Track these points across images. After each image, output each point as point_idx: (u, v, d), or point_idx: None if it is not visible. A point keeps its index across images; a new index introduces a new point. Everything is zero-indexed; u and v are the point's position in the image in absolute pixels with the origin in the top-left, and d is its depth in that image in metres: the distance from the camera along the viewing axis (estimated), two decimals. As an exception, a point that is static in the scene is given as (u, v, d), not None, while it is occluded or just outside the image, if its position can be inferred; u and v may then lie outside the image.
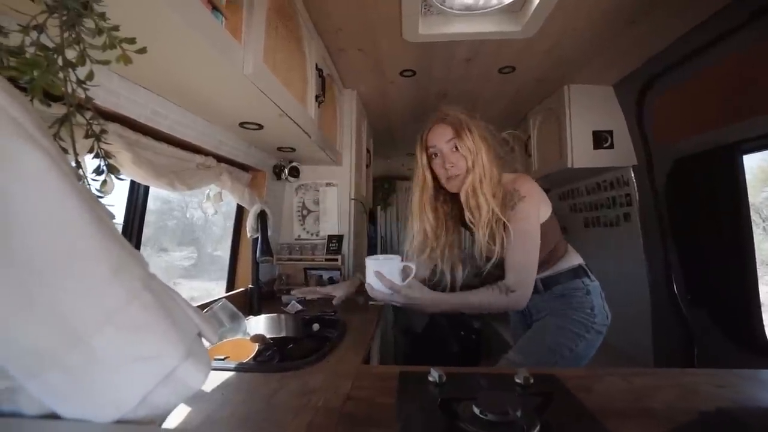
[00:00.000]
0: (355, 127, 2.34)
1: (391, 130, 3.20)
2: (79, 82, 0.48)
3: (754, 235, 1.59)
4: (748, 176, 1.62)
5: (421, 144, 1.21)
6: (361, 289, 1.15)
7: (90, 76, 0.48)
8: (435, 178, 1.22)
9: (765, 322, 1.54)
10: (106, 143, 0.54)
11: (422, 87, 2.30)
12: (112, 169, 0.54)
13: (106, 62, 0.47)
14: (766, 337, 1.52)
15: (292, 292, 1.55)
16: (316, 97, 1.60)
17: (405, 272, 1.11)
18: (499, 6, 1.51)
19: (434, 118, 1.20)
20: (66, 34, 0.44)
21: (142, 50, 0.51)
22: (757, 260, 1.57)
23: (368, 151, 2.90)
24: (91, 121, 0.51)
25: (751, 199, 1.64)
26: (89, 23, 0.45)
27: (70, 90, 0.47)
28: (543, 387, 0.80)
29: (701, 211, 1.76)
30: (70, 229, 0.29)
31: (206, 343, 0.39)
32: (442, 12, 1.57)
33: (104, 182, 0.54)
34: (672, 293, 1.92)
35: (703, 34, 1.53)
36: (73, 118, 0.47)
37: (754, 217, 1.79)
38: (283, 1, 1.27)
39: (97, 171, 0.54)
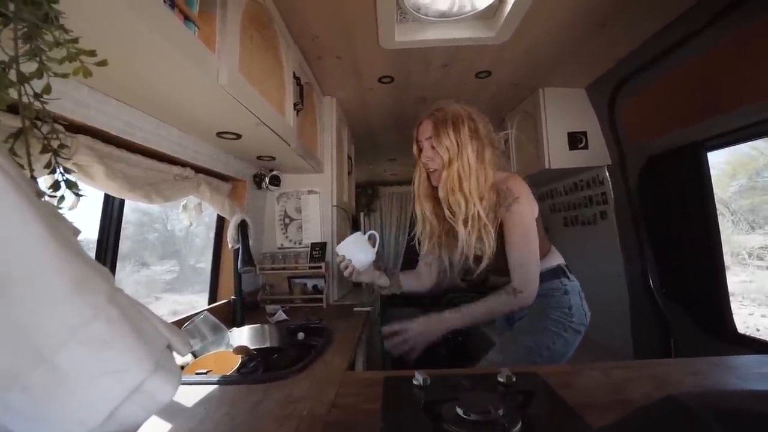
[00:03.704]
0: (336, 135, 2.34)
1: (373, 136, 3.21)
2: (36, 96, 0.46)
3: (724, 228, 1.66)
4: (716, 172, 1.69)
5: (414, 136, 1.27)
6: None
7: (47, 89, 0.47)
8: None
9: (735, 311, 1.60)
10: (64, 158, 0.53)
11: (401, 93, 2.32)
12: (71, 185, 0.53)
13: (64, 75, 0.46)
14: (735, 325, 1.59)
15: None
16: (295, 105, 1.60)
17: (371, 240, 1.21)
18: (473, 12, 1.54)
19: (425, 113, 1.24)
20: (23, 47, 0.43)
21: (103, 63, 0.50)
22: (728, 252, 1.64)
23: (350, 157, 2.90)
24: (48, 136, 0.50)
25: (720, 193, 1.72)
26: (48, 36, 0.44)
27: (26, 102, 0.45)
28: (525, 385, 0.81)
29: (672, 207, 1.83)
30: (29, 246, 0.29)
31: (180, 358, 0.39)
32: (417, 19, 1.60)
33: (62, 198, 0.53)
34: (648, 287, 1.98)
35: (668, 38, 1.60)
36: (30, 132, 0.46)
37: (723, 210, 1.87)
38: (258, 9, 1.27)
39: (55, 187, 0.52)
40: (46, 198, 0.51)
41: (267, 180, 2.03)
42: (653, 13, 1.53)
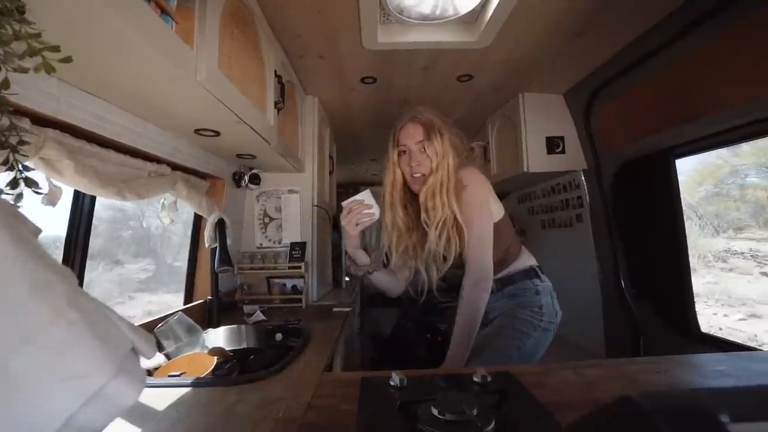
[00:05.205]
0: (318, 134, 2.33)
1: (355, 136, 3.21)
2: (-7, 90, 0.44)
3: (691, 232, 1.74)
4: (685, 178, 1.77)
5: (392, 140, 1.24)
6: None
7: (5, 84, 0.45)
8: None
9: (699, 311, 1.68)
10: (23, 155, 0.51)
11: (383, 94, 2.33)
12: (30, 183, 0.51)
13: (24, 70, 0.44)
14: (698, 325, 1.66)
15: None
16: (276, 103, 1.58)
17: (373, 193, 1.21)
18: (455, 16, 1.56)
19: (408, 116, 1.22)
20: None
21: (67, 59, 0.48)
22: (694, 255, 1.71)
23: (331, 157, 2.89)
24: (6, 132, 0.48)
25: (688, 198, 1.79)
26: (6, 29, 0.42)
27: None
28: (499, 385, 0.82)
29: (643, 211, 1.90)
30: None
31: (152, 360, 0.38)
32: (400, 21, 1.61)
33: (20, 196, 0.51)
34: (620, 288, 2.05)
35: (641, 48, 1.66)
36: (-13, 127, 0.44)
37: (691, 215, 1.95)
38: (239, 5, 1.25)
39: (13, 184, 0.50)
40: (4, 196, 0.48)
41: (246, 178, 2.00)
42: (627, 23, 1.58)
